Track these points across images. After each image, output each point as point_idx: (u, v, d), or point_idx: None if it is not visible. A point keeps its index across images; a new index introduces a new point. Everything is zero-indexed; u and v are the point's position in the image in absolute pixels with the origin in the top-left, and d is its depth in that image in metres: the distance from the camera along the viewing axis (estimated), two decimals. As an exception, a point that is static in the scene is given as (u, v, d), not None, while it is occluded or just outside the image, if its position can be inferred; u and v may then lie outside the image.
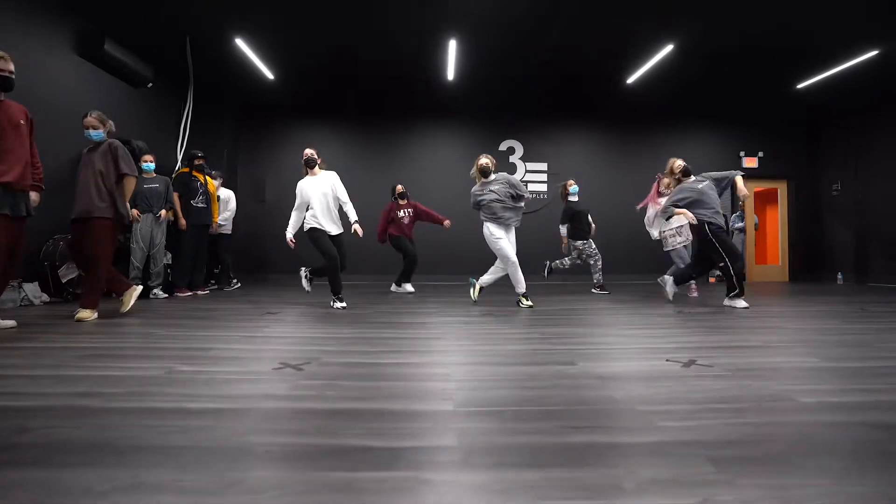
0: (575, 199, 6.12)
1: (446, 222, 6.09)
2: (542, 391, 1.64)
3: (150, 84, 6.23)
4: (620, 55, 6.54)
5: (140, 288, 3.79)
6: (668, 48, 6.15)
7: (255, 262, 8.22)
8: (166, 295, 5.26)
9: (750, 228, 9.03)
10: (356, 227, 4.33)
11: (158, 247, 5.18)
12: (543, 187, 8.37)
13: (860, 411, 1.43)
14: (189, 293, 5.56)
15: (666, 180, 5.76)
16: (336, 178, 4.43)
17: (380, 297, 5.38)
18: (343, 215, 4.44)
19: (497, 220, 4.29)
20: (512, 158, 8.38)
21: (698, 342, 2.58)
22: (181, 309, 4.18)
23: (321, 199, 4.28)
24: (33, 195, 3.20)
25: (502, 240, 4.27)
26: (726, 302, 4.24)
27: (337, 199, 4.38)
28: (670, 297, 4.80)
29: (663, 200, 5.70)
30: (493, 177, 4.41)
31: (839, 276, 8.11)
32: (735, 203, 8.51)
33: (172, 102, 7.11)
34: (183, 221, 5.56)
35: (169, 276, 5.66)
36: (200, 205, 5.77)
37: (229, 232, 6.70)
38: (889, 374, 1.88)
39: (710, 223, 4.20)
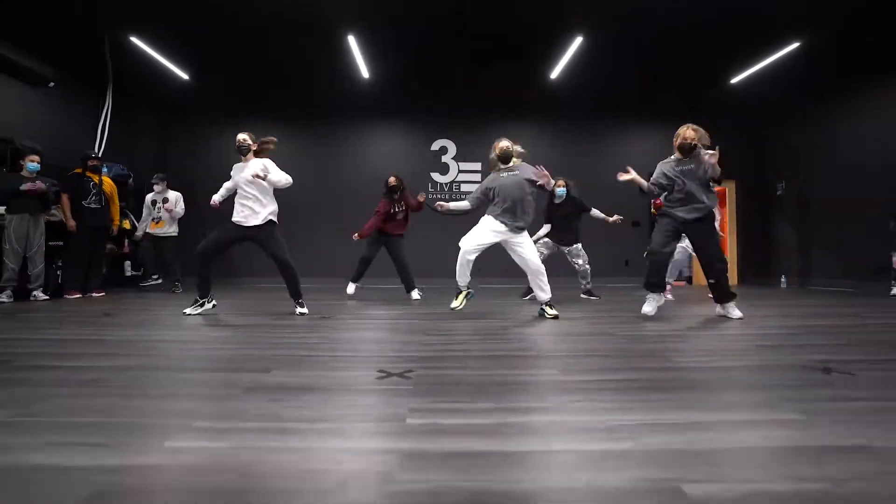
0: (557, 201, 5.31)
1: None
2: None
3: (52, 84, 6.14)
4: (536, 48, 6.34)
5: None
6: (579, 40, 5.93)
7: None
8: (47, 297, 5.13)
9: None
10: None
11: (37, 248, 5.06)
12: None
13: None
14: (78, 295, 5.44)
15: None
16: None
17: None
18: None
19: None
20: (445, 158, 8.19)
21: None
22: (33, 311, 4.04)
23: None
24: None
25: None
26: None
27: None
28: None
29: None
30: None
31: (783, 279, 7.77)
32: None
33: (89, 103, 7.02)
34: (72, 223, 5.45)
35: (59, 278, 5.58)
36: (93, 206, 5.65)
37: (175, 234, 6.54)
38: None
39: None
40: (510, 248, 3.62)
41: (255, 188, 3.73)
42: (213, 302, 3.87)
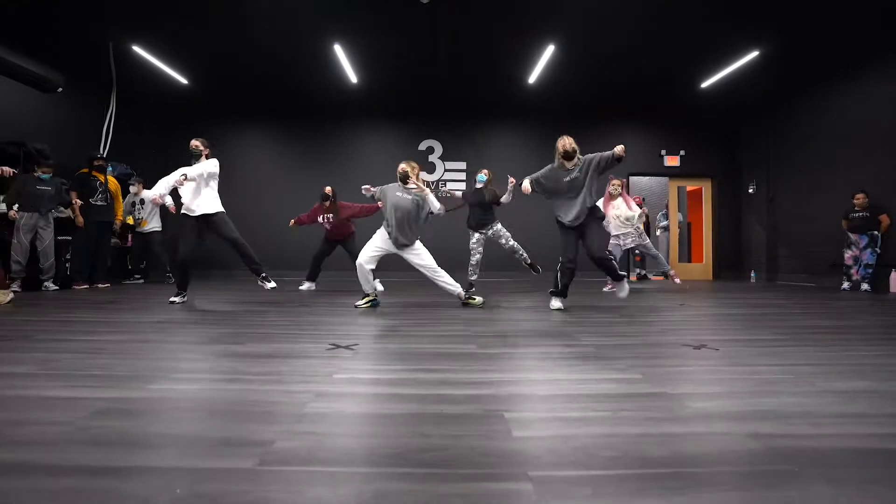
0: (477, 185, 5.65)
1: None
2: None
3: (61, 89, 6.58)
4: (511, 56, 6.70)
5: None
6: (551, 48, 6.30)
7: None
8: (57, 287, 5.59)
9: (674, 226, 9.09)
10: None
11: (47, 243, 5.50)
12: (462, 185, 8.55)
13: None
14: (85, 286, 5.89)
15: (616, 181, 5.88)
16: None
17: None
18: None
19: None
20: (432, 158, 8.58)
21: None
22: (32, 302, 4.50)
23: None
24: None
25: None
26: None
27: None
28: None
29: (616, 202, 5.82)
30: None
31: (752, 274, 8.14)
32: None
33: (94, 107, 7.46)
34: (80, 219, 5.90)
35: (68, 270, 6.04)
36: (100, 203, 6.10)
37: (160, 228, 7.05)
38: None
39: None
40: (406, 257, 4.03)
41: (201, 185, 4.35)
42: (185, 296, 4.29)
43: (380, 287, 5.85)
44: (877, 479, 0.94)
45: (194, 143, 4.58)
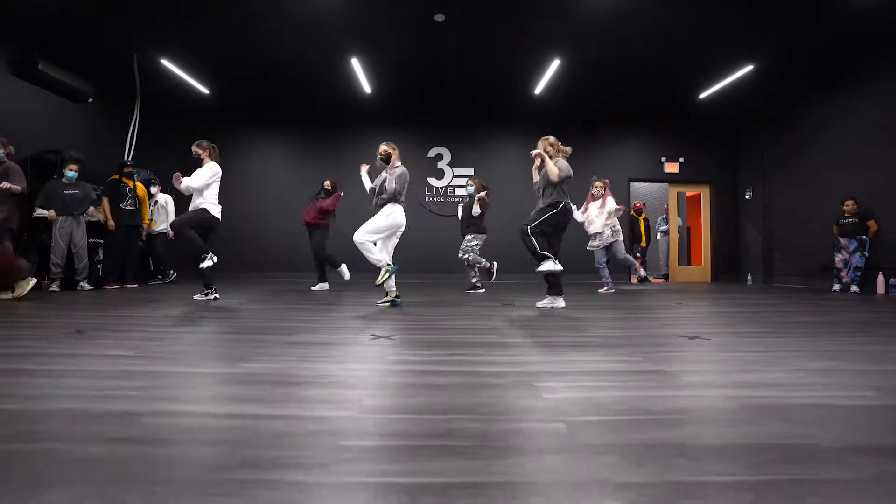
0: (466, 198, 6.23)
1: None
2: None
3: (91, 99, 6.94)
4: (518, 69, 7.06)
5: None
6: (556, 63, 6.66)
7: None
8: (92, 287, 5.93)
9: (673, 231, 9.42)
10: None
11: (81, 245, 5.83)
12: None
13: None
14: (116, 286, 6.23)
15: (598, 183, 6.25)
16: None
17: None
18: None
19: None
20: (440, 164, 8.93)
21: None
22: (67, 301, 4.83)
23: None
24: None
25: None
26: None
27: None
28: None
29: (596, 202, 6.18)
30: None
31: (749, 276, 8.47)
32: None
33: (119, 116, 7.82)
34: (111, 222, 6.25)
35: (100, 271, 6.38)
36: (129, 207, 6.44)
37: (166, 230, 7.38)
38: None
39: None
40: None
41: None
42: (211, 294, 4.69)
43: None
44: (816, 421, 1.27)
45: (192, 148, 4.91)
